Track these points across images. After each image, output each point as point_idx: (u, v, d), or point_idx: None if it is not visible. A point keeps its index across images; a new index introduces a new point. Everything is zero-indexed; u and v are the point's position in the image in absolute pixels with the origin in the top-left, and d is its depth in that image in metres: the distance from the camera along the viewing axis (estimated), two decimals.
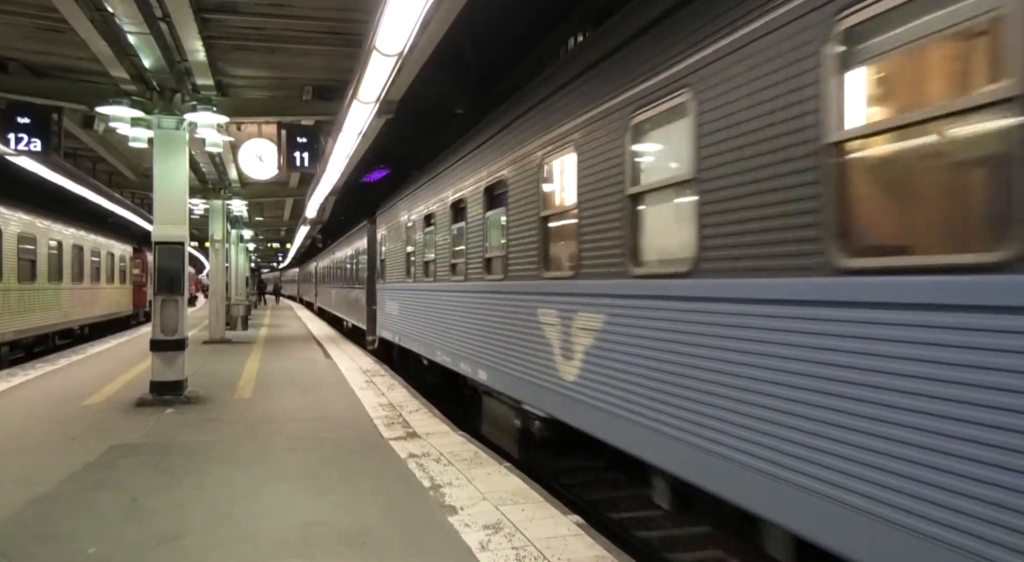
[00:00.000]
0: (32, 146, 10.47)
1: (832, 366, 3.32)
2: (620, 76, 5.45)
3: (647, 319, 4.99)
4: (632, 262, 5.24)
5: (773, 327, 3.75)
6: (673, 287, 4.71)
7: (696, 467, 4.40)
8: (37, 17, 8.66)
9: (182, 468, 6.59)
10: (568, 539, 4.83)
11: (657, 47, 4.95)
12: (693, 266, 4.47)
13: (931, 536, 2.81)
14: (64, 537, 4.83)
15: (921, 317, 2.86)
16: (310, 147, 12.13)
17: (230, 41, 9.48)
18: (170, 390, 10.06)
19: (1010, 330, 2.54)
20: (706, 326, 4.33)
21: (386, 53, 6.83)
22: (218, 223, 20.81)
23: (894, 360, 2.97)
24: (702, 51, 4.42)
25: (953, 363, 2.71)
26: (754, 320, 3.90)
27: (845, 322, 3.26)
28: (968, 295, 2.68)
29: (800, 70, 3.60)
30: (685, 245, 4.58)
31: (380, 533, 4.91)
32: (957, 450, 2.71)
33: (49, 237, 19.45)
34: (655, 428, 4.83)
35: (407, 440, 7.82)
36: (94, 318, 24.91)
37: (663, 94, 4.86)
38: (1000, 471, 2.56)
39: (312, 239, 44.40)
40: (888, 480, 2.99)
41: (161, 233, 10.24)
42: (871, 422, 3.09)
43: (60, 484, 6.06)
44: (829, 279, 3.37)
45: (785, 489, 3.59)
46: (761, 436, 3.80)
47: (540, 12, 17.32)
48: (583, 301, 5.96)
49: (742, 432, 3.96)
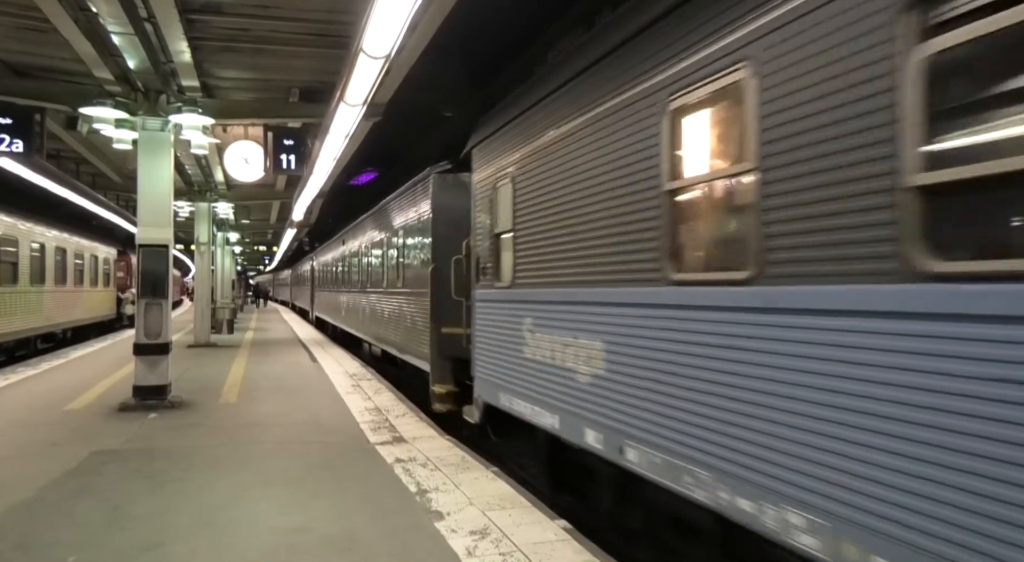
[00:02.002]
0: (14, 147, 10.32)
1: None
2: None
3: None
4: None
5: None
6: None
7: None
8: (19, 16, 8.56)
9: (165, 474, 6.49)
10: (555, 544, 4.80)
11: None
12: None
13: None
14: (43, 546, 4.74)
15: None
16: (297, 149, 12.05)
17: (216, 42, 9.41)
18: (153, 395, 9.94)
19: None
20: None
21: (373, 55, 6.80)
22: (204, 226, 20.64)
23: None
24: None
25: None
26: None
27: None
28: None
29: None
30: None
31: (366, 539, 4.86)
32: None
33: (31, 239, 19.23)
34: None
35: (394, 445, 7.77)
36: (77, 322, 24.64)
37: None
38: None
39: (299, 242, 44.14)
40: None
41: (145, 236, 10.13)
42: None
43: (40, 491, 5.95)
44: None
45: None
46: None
47: (530, 16, 17.37)
48: None
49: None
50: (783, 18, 3.56)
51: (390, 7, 5.78)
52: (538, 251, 6.41)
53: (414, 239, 11.97)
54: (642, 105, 4.76)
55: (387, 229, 14.51)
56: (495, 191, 7.53)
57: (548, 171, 6.21)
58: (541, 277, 6.36)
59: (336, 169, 13.97)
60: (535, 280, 6.49)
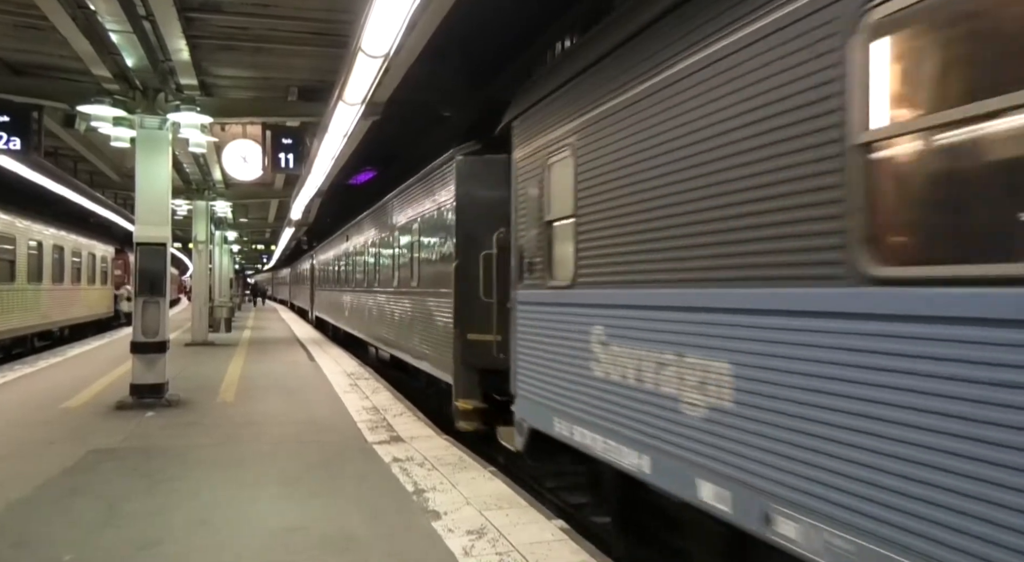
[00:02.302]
0: (11, 145, 10.29)
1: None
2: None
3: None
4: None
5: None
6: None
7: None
8: (17, 14, 8.54)
9: (162, 473, 6.49)
10: (552, 544, 4.80)
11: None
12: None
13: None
14: (39, 544, 4.74)
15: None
16: (295, 148, 12.03)
17: (214, 41, 9.40)
18: (151, 393, 9.93)
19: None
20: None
21: (372, 54, 6.80)
22: (201, 224, 20.63)
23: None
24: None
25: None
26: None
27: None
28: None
29: None
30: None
31: (362, 539, 4.86)
32: None
33: (29, 237, 19.20)
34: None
35: (391, 444, 7.76)
36: (74, 320, 24.61)
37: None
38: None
39: (297, 241, 44.09)
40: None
41: (143, 234, 10.12)
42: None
43: (36, 490, 5.94)
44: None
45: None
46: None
47: (529, 15, 17.36)
48: None
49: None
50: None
51: (389, 6, 5.77)
52: (613, 241, 5.00)
53: (433, 232, 10.68)
54: (807, 27, 3.34)
55: (399, 222, 13.35)
56: (546, 170, 6.12)
57: (631, 135, 4.78)
58: (619, 274, 4.94)
59: (335, 168, 13.95)
60: (609, 278, 5.08)
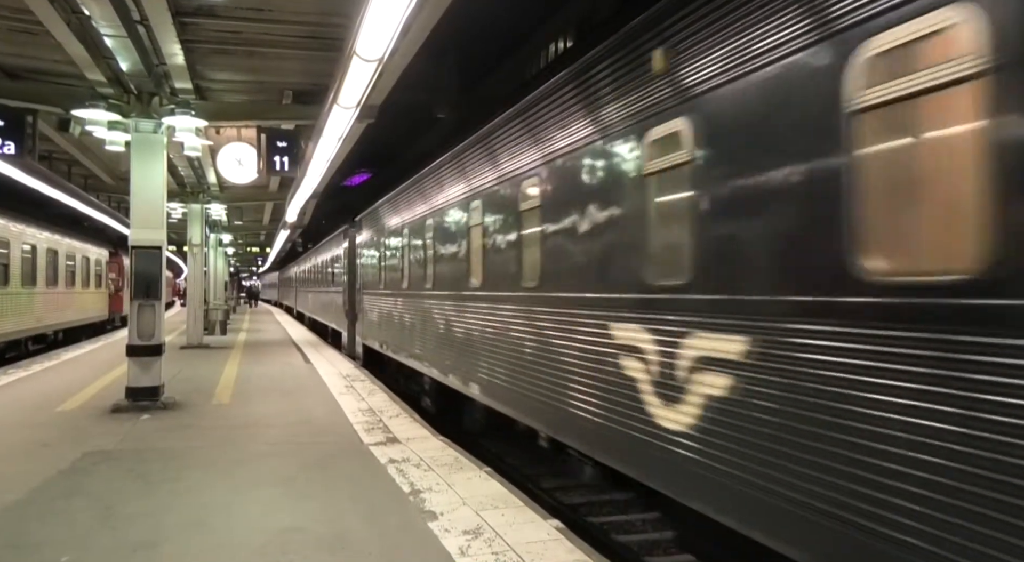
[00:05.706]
0: (6, 149, 10.31)
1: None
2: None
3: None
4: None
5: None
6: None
7: None
8: (11, 19, 8.54)
9: (158, 475, 6.50)
10: (548, 544, 4.84)
11: None
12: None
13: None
14: (35, 546, 4.75)
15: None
16: (290, 151, 12.05)
17: (209, 45, 9.41)
18: (146, 396, 9.93)
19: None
20: None
21: (366, 58, 6.82)
22: (196, 227, 20.61)
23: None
24: None
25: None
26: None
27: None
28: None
29: None
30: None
31: (359, 539, 4.89)
32: None
33: (23, 241, 19.16)
34: None
35: (387, 445, 7.79)
36: (69, 323, 24.55)
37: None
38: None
39: (292, 243, 44.02)
40: None
41: (138, 237, 10.13)
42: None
43: (32, 492, 5.95)
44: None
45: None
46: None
47: (523, 16, 17.40)
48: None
49: None
50: None
51: (383, 10, 5.81)
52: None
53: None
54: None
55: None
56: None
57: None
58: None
59: (330, 171, 13.98)
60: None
